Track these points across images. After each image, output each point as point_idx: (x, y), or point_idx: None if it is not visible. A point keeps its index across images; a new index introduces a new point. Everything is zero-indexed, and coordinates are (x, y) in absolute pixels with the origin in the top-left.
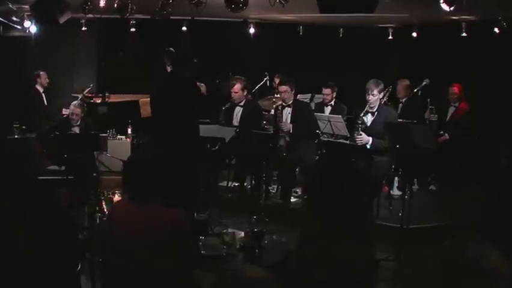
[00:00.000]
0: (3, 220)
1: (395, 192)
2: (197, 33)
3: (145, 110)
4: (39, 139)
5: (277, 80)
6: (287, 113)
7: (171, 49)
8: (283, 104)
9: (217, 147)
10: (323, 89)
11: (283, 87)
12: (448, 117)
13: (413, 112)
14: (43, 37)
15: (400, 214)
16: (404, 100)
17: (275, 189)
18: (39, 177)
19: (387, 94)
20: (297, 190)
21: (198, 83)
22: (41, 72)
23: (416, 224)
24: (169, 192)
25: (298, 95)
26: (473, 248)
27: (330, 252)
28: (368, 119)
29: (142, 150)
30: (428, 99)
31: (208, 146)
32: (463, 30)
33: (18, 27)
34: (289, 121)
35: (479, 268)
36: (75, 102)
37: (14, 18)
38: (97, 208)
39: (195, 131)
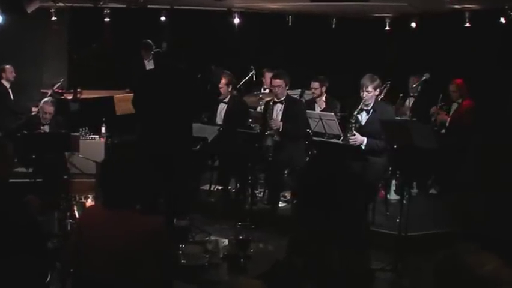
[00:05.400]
0: None
1: (392, 196)
2: (177, 24)
3: (120, 107)
4: (6, 138)
5: (267, 75)
6: (278, 110)
7: (149, 41)
8: (275, 99)
9: (198, 147)
10: (312, 83)
11: (277, 81)
12: (450, 115)
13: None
14: (9, 28)
15: (398, 220)
16: (416, 95)
17: (262, 193)
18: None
19: (385, 90)
20: (286, 194)
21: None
22: (7, 66)
23: (415, 231)
24: (148, 197)
25: (288, 91)
26: (468, 257)
27: (321, 262)
28: (363, 117)
29: (119, 151)
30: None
31: None
32: (466, 20)
33: None
34: (279, 119)
35: (477, 278)
36: (46, 99)
37: None
38: (68, 214)
39: (189, 130)
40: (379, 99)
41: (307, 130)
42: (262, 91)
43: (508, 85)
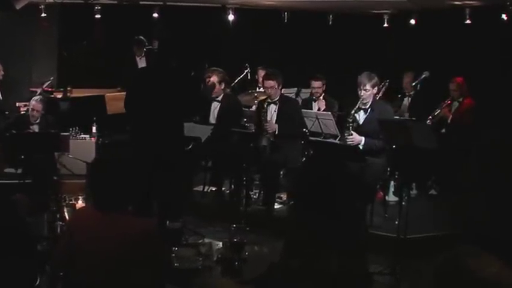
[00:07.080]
0: None
1: (391, 197)
2: (170, 21)
3: (112, 106)
4: None
5: (261, 73)
6: (272, 110)
7: (141, 37)
8: (269, 100)
9: (190, 147)
10: (313, 82)
11: (270, 82)
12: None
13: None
14: None
15: (396, 222)
16: (412, 93)
17: (257, 195)
18: None
19: (383, 89)
20: (282, 195)
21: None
22: None
23: (414, 234)
24: (140, 198)
25: (283, 90)
26: (469, 260)
27: (317, 265)
28: (361, 116)
29: (110, 151)
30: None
31: None
32: (467, 17)
33: None
34: (274, 119)
35: (478, 281)
36: (36, 97)
37: None
38: (58, 216)
39: (181, 130)
40: (377, 97)
41: (304, 130)
42: (258, 90)
43: (510, 83)
